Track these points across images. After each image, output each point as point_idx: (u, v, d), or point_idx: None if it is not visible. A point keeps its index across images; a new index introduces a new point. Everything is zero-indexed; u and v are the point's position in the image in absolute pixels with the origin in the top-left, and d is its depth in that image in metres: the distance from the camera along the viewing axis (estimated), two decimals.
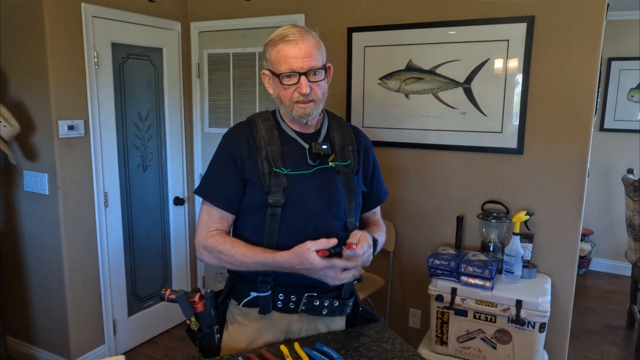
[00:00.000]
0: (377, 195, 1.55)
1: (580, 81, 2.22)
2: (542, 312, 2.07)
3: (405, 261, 2.76)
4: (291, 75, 1.28)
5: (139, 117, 2.94)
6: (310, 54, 1.27)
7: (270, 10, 2.90)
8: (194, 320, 1.41)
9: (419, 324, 2.77)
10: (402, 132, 2.63)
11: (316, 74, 1.29)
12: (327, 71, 1.35)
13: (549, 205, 2.36)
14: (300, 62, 1.26)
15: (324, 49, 1.34)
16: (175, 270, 3.29)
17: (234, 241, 1.32)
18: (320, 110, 1.36)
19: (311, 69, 1.28)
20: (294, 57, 1.26)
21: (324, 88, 1.34)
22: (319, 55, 1.30)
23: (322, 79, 1.32)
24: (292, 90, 1.29)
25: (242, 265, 1.30)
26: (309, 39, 1.29)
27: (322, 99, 1.34)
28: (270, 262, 1.25)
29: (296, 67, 1.27)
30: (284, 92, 1.31)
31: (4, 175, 2.68)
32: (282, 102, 1.33)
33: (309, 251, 1.18)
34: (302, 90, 1.27)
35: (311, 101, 1.30)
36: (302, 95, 1.28)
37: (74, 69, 2.51)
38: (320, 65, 1.30)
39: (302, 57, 1.26)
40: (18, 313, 2.83)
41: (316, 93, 1.31)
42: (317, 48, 1.30)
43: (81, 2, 2.50)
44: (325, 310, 1.36)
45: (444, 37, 2.45)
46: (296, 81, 1.28)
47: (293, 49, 1.27)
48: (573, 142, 2.27)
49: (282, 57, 1.27)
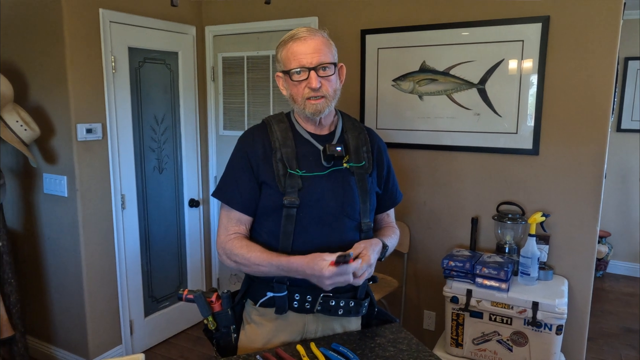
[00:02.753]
0: (391, 197, 1.55)
1: (597, 81, 2.19)
2: (559, 314, 2.05)
3: (420, 263, 2.75)
4: (301, 71, 1.30)
5: (155, 120, 2.98)
6: (319, 50, 1.30)
7: (283, 13, 2.93)
8: (211, 319, 1.43)
9: (434, 325, 2.76)
10: (415, 134, 2.63)
11: (326, 69, 1.31)
12: (337, 68, 1.37)
13: (565, 206, 2.33)
14: (310, 58, 1.29)
15: (334, 47, 1.36)
16: (190, 272, 3.33)
17: (250, 245, 1.33)
18: (332, 107, 1.37)
19: (320, 64, 1.30)
20: (303, 53, 1.29)
21: (335, 84, 1.35)
22: (329, 52, 1.33)
23: (332, 74, 1.33)
24: (303, 87, 1.31)
25: (258, 269, 1.31)
26: (318, 37, 1.32)
27: (334, 95, 1.35)
28: (285, 266, 1.26)
29: (305, 63, 1.29)
30: (295, 89, 1.33)
31: (25, 177, 2.74)
32: (295, 100, 1.35)
33: (323, 260, 1.18)
34: (312, 85, 1.29)
35: (322, 97, 1.32)
36: (313, 90, 1.30)
37: (92, 74, 2.56)
38: (329, 60, 1.32)
39: (311, 53, 1.29)
40: (38, 313, 2.88)
41: (327, 89, 1.32)
42: (326, 45, 1.33)
43: (99, 8, 2.55)
44: (341, 310, 1.37)
45: (458, 38, 2.45)
46: (306, 76, 1.30)
47: (302, 45, 1.30)
48: (590, 142, 2.24)
49: (292, 54, 1.31)
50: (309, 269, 1.21)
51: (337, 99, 1.38)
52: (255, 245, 1.34)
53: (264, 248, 1.32)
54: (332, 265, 1.18)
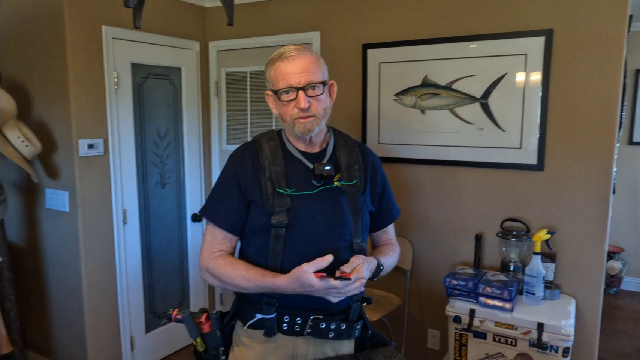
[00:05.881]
0: (387, 214, 1.52)
1: (603, 94, 2.14)
2: (566, 335, 1.97)
3: (423, 280, 2.69)
4: (289, 91, 1.28)
5: (158, 135, 2.98)
6: (308, 69, 1.27)
7: (286, 28, 2.93)
8: (199, 341, 1.40)
9: (438, 345, 2.69)
10: (418, 149, 2.60)
11: (315, 89, 1.29)
12: (328, 86, 1.34)
13: (572, 223, 2.27)
14: (298, 77, 1.26)
15: (323, 65, 1.34)
16: (192, 287, 3.30)
17: (235, 263, 1.31)
18: (322, 125, 1.34)
19: (309, 84, 1.27)
20: (292, 73, 1.27)
21: (325, 103, 1.32)
22: (317, 70, 1.30)
23: (321, 93, 1.30)
24: (292, 106, 1.29)
25: (242, 288, 1.28)
26: (306, 55, 1.29)
27: (324, 114, 1.33)
28: (270, 287, 1.23)
29: (293, 83, 1.27)
30: (284, 109, 1.31)
31: (28, 192, 2.75)
32: (284, 120, 1.32)
33: (306, 274, 1.15)
34: (300, 105, 1.27)
35: (311, 116, 1.29)
36: (301, 111, 1.27)
37: (95, 89, 2.58)
38: (318, 79, 1.29)
39: (299, 72, 1.26)
40: (38, 328, 2.87)
41: (316, 108, 1.29)
42: (315, 63, 1.29)
43: (102, 25, 2.57)
44: (332, 333, 1.33)
45: (460, 52, 2.42)
46: (294, 96, 1.28)
47: (290, 65, 1.27)
48: (596, 157, 2.18)
49: (280, 74, 1.28)
50: (298, 288, 1.18)
51: (327, 117, 1.35)
52: (240, 262, 1.31)
53: (250, 265, 1.29)
54: (317, 276, 1.15)
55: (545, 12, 2.22)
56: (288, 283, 1.18)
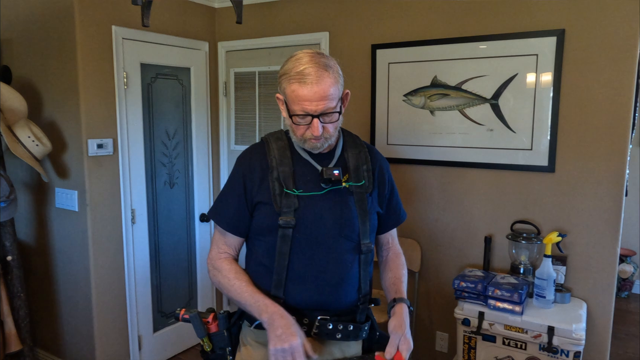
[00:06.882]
0: (395, 216, 1.51)
1: (615, 95, 2.11)
2: (576, 339, 1.95)
3: (432, 282, 2.67)
4: (305, 116, 1.25)
5: (167, 135, 2.99)
6: (326, 97, 1.22)
7: (294, 28, 2.93)
8: (206, 341, 1.39)
9: (447, 347, 2.67)
10: (427, 150, 2.58)
11: (330, 115, 1.26)
12: (342, 103, 1.31)
13: (583, 225, 2.24)
14: (314, 106, 1.22)
15: (341, 82, 1.28)
16: (200, 287, 3.31)
17: (239, 272, 1.35)
18: (333, 141, 1.34)
19: (325, 112, 1.24)
20: (308, 101, 1.22)
21: (338, 123, 1.31)
22: (335, 95, 1.25)
23: (337, 120, 1.29)
24: (305, 129, 1.27)
25: (233, 299, 1.33)
26: (325, 80, 1.22)
27: (335, 133, 1.32)
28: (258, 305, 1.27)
29: (310, 110, 1.23)
30: (295, 127, 1.28)
31: (38, 191, 2.78)
32: (294, 134, 1.31)
33: (298, 343, 1.20)
34: (314, 133, 1.25)
35: (323, 138, 1.29)
36: (314, 137, 1.27)
37: (104, 90, 2.59)
38: (334, 105, 1.25)
39: (317, 100, 1.22)
40: (47, 326, 2.89)
41: (328, 131, 1.28)
42: (333, 86, 1.23)
43: (112, 25, 2.58)
44: (339, 334, 1.32)
45: (470, 52, 2.40)
46: (309, 122, 1.25)
47: (308, 91, 1.21)
48: (608, 159, 2.15)
49: (296, 98, 1.23)
50: (280, 328, 1.22)
51: (338, 129, 1.35)
52: (244, 275, 1.34)
53: (251, 283, 1.33)
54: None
55: (557, 11, 2.19)
56: (273, 329, 1.23)
